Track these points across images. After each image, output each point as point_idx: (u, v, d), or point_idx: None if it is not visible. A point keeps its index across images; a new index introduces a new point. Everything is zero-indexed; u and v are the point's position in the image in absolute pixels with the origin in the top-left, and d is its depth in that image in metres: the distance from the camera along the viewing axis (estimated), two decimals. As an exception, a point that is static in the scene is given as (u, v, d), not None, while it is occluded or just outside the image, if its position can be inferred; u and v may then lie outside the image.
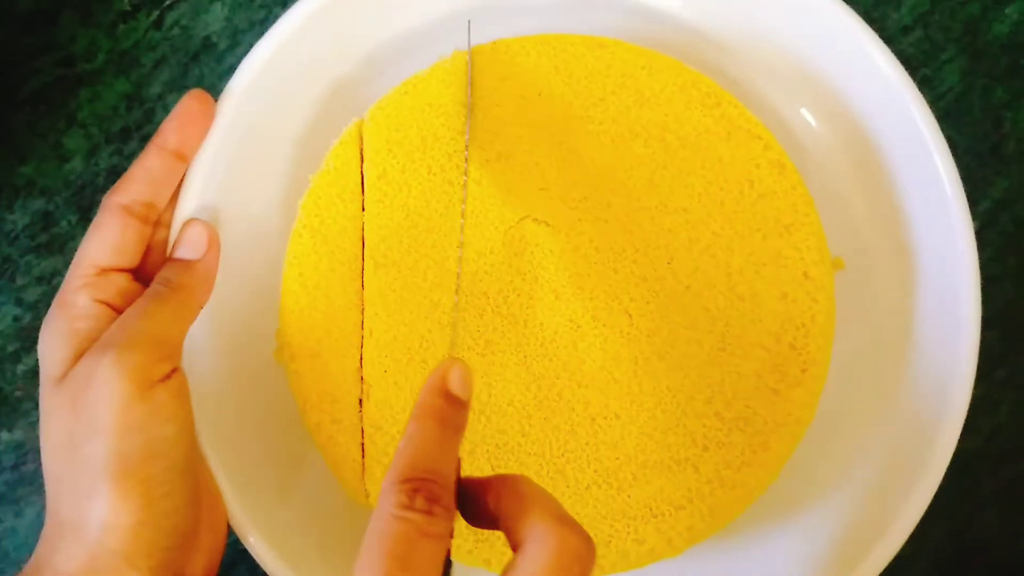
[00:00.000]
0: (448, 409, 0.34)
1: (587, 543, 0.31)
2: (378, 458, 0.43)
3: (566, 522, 0.31)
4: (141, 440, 0.38)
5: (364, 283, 0.44)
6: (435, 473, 0.32)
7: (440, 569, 0.31)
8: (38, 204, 0.51)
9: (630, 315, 0.43)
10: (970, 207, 0.43)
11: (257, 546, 0.43)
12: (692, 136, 0.44)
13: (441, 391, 0.34)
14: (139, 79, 0.52)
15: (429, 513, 0.31)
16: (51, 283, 0.51)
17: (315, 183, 0.44)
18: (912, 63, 0.51)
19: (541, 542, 0.31)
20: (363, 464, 0.44)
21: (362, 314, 0.44)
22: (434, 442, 0.33)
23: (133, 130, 0.51)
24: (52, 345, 0.40)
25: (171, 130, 0.43)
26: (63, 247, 0.51)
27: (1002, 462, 0.50)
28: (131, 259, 0.42)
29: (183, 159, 0.43)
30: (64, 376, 0.39)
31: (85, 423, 0.38)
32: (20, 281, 0.51)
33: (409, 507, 0.31)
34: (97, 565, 0.37)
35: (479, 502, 0.33)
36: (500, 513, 0.32)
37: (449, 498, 0.32)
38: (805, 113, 0.47)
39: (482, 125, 0.44)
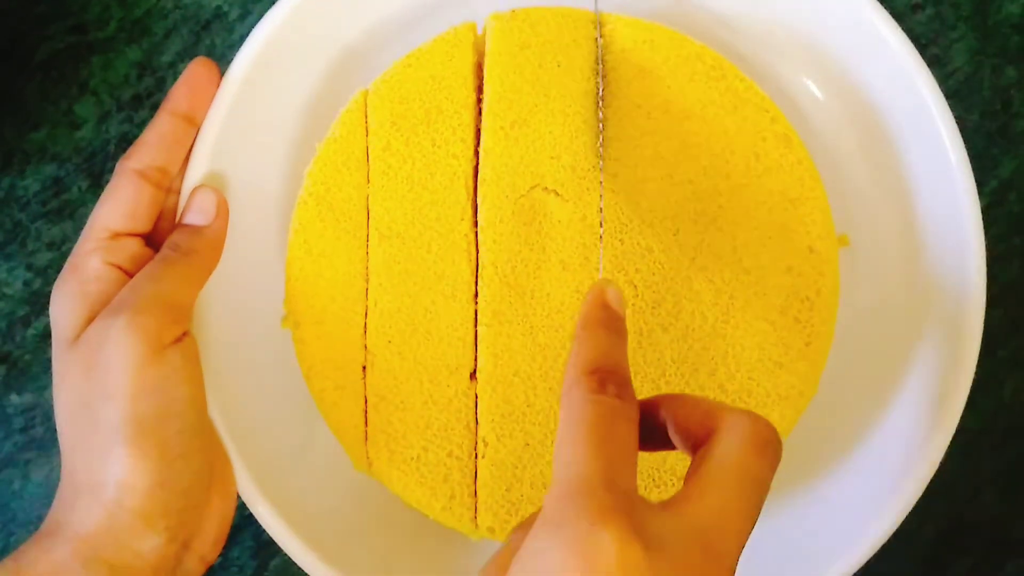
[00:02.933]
0: (611, 318, 0.35)
1: (779, 439, 0.32)
2: (381, 427, 0.44)
3: (759, 417, 0.32)
4: (155, 402, 0.38)
5: (369, 254, 0.44)
6: (617, 366, 0.33)
7: (636, 453, 0.31)
8: (49, 170, 0.51)
9: (635, 286, 0.43)
10: (977, 186, 0.43)
11: (264, 513, 0.43)
12: (697, 109, 0.44)
13: (602, 304, 0.35)
14: (150, 48, 0.52)
15: (621, 398, 0.32)
16: (61, 249, 0.51)
17: (321, 151, 0.44)
18: (921, 41, 0.51)
19: (736, 426, 0.31)
20: (366, 432, 0.44)
21: (366, 284, 0.44)
22: (608, 342, 0.34)
23: (144, 98, 0.52)
24: (64, 307, 0.41)
25: (181, 95, 0.43)
26: (73, 213, 0.51)
27: (1004, 441, 0.50)
28: (144, 224, 0.43)
29: (193, 123, 0.43)
30: (77, 338, 0.40)
31: (99, 386, 0.38)
32: (31, 246, 0.51)
33: (602, 392, 0.31)
34: (114, 524, 0.38)
35: (647, 420, 0.33)
36: (679, 421, 0.33)
37: (633, 391, 0.32)
38: (812, 88, 0.47)
39: (498, 92, 0.44)
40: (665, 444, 0.34)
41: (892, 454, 0.44)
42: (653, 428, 0.34)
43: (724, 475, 0.30)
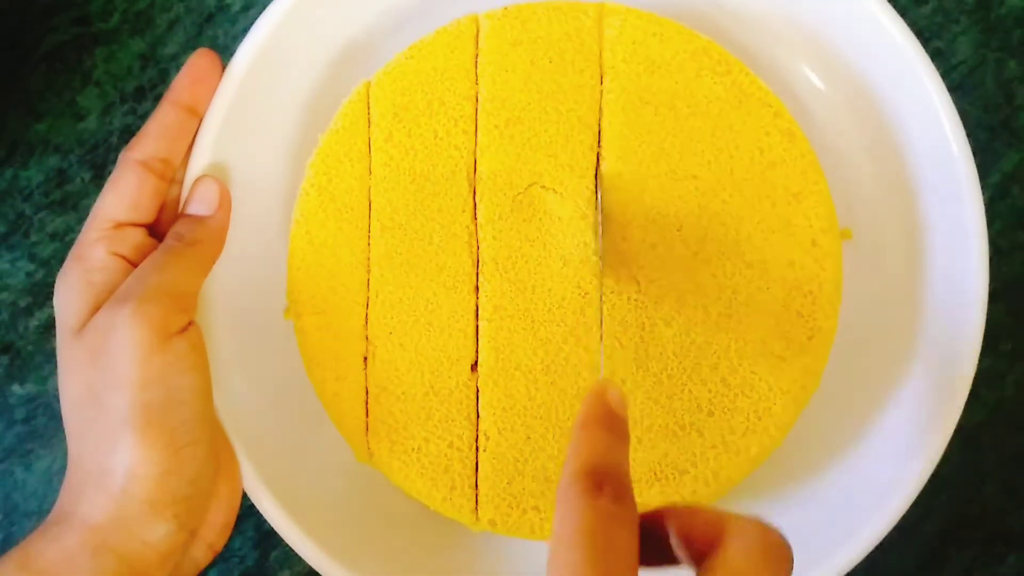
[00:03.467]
0: (612, 418, 0.33)
1: (789, 546, 0.30)
2: (382, 418, 0.44)
3: (768, 525, 0.30)
4: (163, 391, 0.38)
5: (371, 245, 0.44)
6: (616, 467, 0.31)
7: (636, 563, 0.29)
8: (52, 161, 0.51)
9: (638, 281, 0.43)
10: (980, 180, 0.43)
11: (265, 504, 0.43)
12: (703, 105, 0.44)
13: (602, 404, 0.34)
14: (154, 39, 0.52)
15: (618, 502, 0.30)
16: (64, 240, 0.51)
17: (323, 142, 0.44)
18: (925, 35, 0.51)
19: (742, 533, 0.30)
20: (367, 423, 0.44)
21: (368, 275, 0.44)
22: (606, 443, 0.32)
23: (147, 90, 0.52)
24: (68, 297, 0.41)
25: (183, 86, 0.43)
26: (76, 204, 0.51)
27: (1006, 435, 0.50)
28: (147, 214, 0.43)
29: (196, 114, 0.43)
30: (82, 328, 0.40)
31: (106, 374, 0.38)
32: (34, 237, 0.51)
33: (598, 495, 0.30)
34: (123, 513, 0.38)
35: (649, 532, 0.32)
36: (682, 531, 0.31)
37: (632, 495, 0.31)
38: (815, 81, 0.47)
39: (491, 90, 0.44)
40: (669, 558, 0.32)
41: (894, 448, 0.44)
42: (655, 540, 0.32)
43: None
